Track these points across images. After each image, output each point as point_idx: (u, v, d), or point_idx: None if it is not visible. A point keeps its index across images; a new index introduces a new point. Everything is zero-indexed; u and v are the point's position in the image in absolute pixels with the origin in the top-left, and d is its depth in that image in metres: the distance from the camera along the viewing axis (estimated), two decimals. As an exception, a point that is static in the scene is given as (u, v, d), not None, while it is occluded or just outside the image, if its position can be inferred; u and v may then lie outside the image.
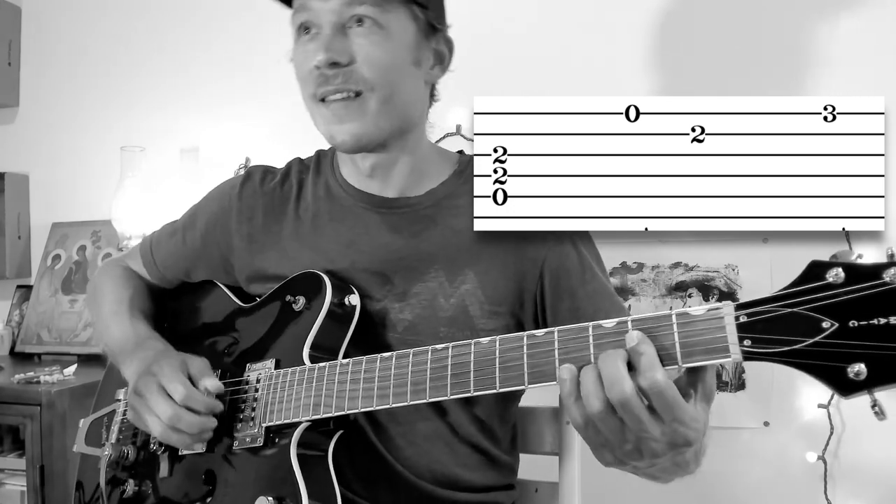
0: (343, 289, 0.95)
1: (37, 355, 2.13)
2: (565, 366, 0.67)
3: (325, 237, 1.02)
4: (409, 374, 0.79)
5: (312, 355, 0.90)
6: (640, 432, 0.65)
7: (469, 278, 0.96)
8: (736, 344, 0.62)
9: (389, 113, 0.93)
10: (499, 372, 0.73)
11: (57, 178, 2.30)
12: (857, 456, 1.57)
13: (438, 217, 0.99)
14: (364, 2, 0.89)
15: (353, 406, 0.82)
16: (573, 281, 0.96)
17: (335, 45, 0.89)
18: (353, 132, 0.92)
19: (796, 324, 0.60)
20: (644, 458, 0.68)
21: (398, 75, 0.93)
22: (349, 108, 0.91)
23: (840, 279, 0.59)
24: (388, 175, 1.00)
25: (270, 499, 0.83)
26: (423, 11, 0.94)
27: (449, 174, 1.03)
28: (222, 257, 1.09)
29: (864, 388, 0.57)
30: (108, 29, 2.26)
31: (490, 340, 0.74)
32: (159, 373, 0.90)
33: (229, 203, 1.08)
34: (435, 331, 0.95)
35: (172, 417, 0.87)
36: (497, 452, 1.02)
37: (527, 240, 0.95)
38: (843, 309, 0.59)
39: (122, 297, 1.13)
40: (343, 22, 0.90)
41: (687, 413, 0.65)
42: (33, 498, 1.70)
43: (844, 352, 0.58)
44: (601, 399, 0.65)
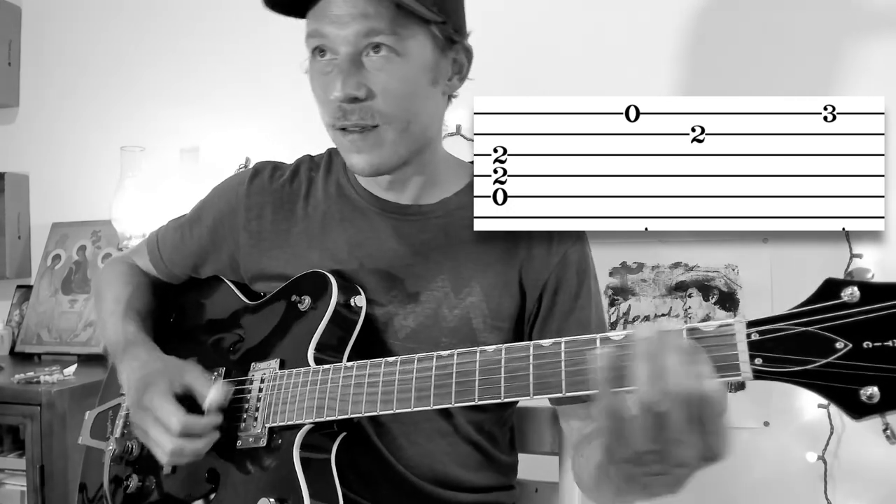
0: (349, 289, 0.95)
1: (37, 355, 2.13)
2: (605, 350, 0.64)
3: (334, 237, 1.01)
4: (414, 381, 0.79)
5: (317, 356, 0.90)
6: (679, 433, 0.60)
7: (475, 291, 0.96)
8: (747, 362, 0.61)
9: (407, 140, 0.92)
10: (504, 381, 0.72)
11: (57, 178, 2.30)
12: (857, 456, 1.57)
13: (449, 227, 0.99)
14: (381, 31, 0.86)
15: (356, 410, 0.82)
16: (566, 306, 0.96)
17: (352, 80, 0.87)
18: (371, 162, 0.91)
19: (809, 343, 0.59)
20: (665, 462, 0.63)
21: (416, 103, 0.91)
22: (367, 140, 0.90)
23: (855, 298, 0.58)
24: (403, 187, 1.00)
25: (272, 500, 0.83)
26: (440, 28, 0.91)
27: (463, 185, 1.02)
28: (229, 254, 1.08)
29: (876, 411, 0.57)
30: (108, 29, 2.26)
31: (495, 349, 0.74)
32: (151, 405, 0.90)
33: (237, 199, 1.07)
34: (436, 340, 0.94)
35: (175, 451, 0.88)
36: (497, 453, 1.02)
37: (533, 257, 0.96)
38: (858, 329, 0.57)
39: (120, 296, 1.12)
40: (359, 51, 0.88)
41: (725, 428, 0.61)
42: (33, 498, 1.70)
43: (857, 374, 0.57)
44: (659, 388, 0.59)
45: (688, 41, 1.74)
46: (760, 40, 1.67)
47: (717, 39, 1.71)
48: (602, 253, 1.02)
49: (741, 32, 1.69)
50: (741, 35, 1.69)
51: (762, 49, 1.67)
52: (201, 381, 0.91)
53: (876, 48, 1.59)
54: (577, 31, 1.80)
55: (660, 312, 1.71)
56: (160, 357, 1.00)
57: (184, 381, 0.92)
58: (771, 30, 1.67)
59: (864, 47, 1.60)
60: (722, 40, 1.70)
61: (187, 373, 0.93)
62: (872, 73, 1.58)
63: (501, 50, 1.77)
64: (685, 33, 1.74)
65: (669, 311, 1.71)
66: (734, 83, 1.66)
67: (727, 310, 1.67)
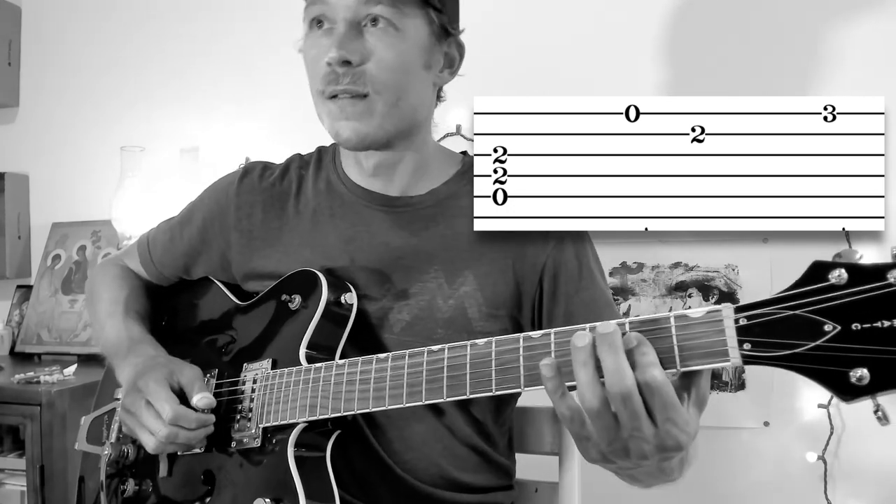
0: (339, 287, 0.94)
1: (37, 355, 2.13)
2: (546, 361, 0.65)
3: (325, 233, 1.01)
4: (405, 376, 0.78)
5: (309, 355, 0.90)
6: (633, 430, 0.63)
7: (468, 280, 0.95)
8: (735, 348, 0.61)
9: (395, 115, 0.93)
10: (495, 374, 0.72)
11: (57, 178, 2.30)
12: (857, 456, 1.57)
13: (440, 217, 0.99)
14: (381, 1, 0.89)
15: (349, 408, 0.82)
16: (570, 286, 0.96)
17: (348, 44, 0.89)
18: (358, 131, 0.92)
19: (797, 327, 0.58)
20: (631, 457, 0.66)
21: (407, 79, 0.93)
22: (356, 107, 0.91)
23: (843, 280, 0.57)
24: (391, 174, 1.00)
25: (268, 500, 0.83)
26: (437, 15, 0.94)
27: (452, 174, 1.02)
28: (220, 254, 1.08)
29: (866, 393, 0.56)
30: (108, 29, 2.27)
31: (486, 342, 0.74)
32: (145, 389, 0.90)
33: (227, 199, 1.07)
34: (432, 332, 0.94)
35: (169, 436, 0.87)
36: (494, 454, 1.02)
37: (527, 243, 0.95)
38: (846, 311, 0.57)
39: (117, 298, 1.12)
40: (358, 20, 0.90)
41: (681, 415, 0.63)
42: (33, 498, 1.70)
43: (847, 356, 0.56)
44: (598, 394, 0.63)
45: (688, 41, 1.74)
46: (761, 40, 1.67)
47: (718, 40, 1.71)
48: (602, 253, 1.02)
49: (741, 33, 1.69)
50: (742, 35, 1.69)
51: (763, 49, 1.67)
52: (197, 385, 0.91)
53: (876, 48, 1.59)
54: (577, 31, 1.80)
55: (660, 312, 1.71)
56: (166, 355, 1.00)
57: (181, 379, 0.92)
58: (771, 30, 1.67)
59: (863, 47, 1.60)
60: (722, 40, 1.70)
61: (186, 373, 0.93)
62: (872, 74, 1.58)
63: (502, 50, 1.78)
64: (686, 33, 1.74)
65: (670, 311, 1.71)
66: (734, 83, 1.66)
67: (727, 310, 1.67)
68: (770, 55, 1.66)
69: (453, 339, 0.77)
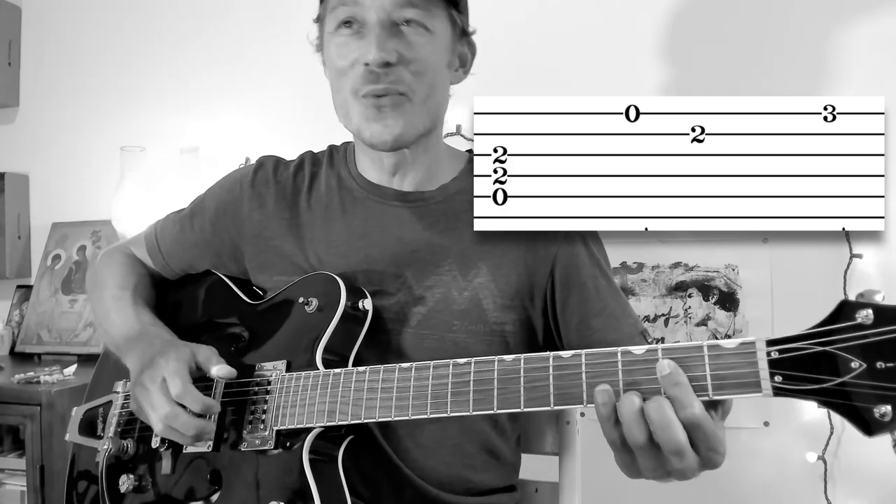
0: (357, 292, 0.95)
1: (37, 355, 2.13)
2: (602, 388, 0.68)
3: (338, 229, 1.02)
4: (430, 387, 0.78)
5: (325, 359, 0.90)
6: (676, 462, 0.67)
7: (482, 272, 0.96)
8: (767, 379, 0.64)
9: (426, 114, 0.95)
10: (524, 392, 0.72)
11: (57, 178, 2.30)
12: (857, 456, 1.57)
13: (450, 211, 1.00)
14: (414, 5, 0.91)
15: (370, 415, 0.82)
16: (583, 275, 0.97)
17: (387, 45, 0.90)
18: (394, 132, 0.93)
19: (826, 362, 0.61)
20: (672, 479, 0.70)
21: (436, 79, 0.95)
22: (394, 108, 0.92)
23: (870, 320, 0.60)
24: (407, 171, 1.01)
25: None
26: (459, 16, 0.97)
27: (460, 170, 1.04)
28: (232, 245, 1.08)
29: (888, 429, 0.59)
30: (108, 29, 2.27)
31: (514, 359, 0.74)
32: (164, 366, 0.88)
33: (241, 191, 1.07)
34: (448, 324, 0.95)
35: (169, 415, 0.86)
36: (504, 450, 1.02)
37: (537, 235, 0.96)
38: (872, 350, 0.60)
39: (125, 284, 1.10)
40: (392, 21, 0.91)
41: (721, 443, 0.68)
42: (33, 498, 1.70)
43: (872, 393, 0.59)
44: (643, 430, 0.66)
45: (688, 41, 1.74)
46: (761, 41, 1.67)
47: (718, 40, 1.71)
48: (602, 253, 1.02)
49: (741, 33, 1.69)
50: (742, 35, 1.69)
51: (763, 49, 1.67)
52: (214, 359, 0.91)
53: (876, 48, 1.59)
54: (577, 32, 1.80)
55: (660, 312, 1.71)
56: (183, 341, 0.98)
57: (199, 357, 0.91)
58: (771, 30, 1.67)
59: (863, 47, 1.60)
60: (723, 41, 1.70)
61: (203, 351, 0.92)
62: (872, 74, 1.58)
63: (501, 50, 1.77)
64: (686, 33, 1.74)
65: (669, 311, 1.71)
66: (734, 83, 1.66)
67: (727, 310, 1.67)
68: (770, 55, 1.66)
69: (469, 331, 0.78)
